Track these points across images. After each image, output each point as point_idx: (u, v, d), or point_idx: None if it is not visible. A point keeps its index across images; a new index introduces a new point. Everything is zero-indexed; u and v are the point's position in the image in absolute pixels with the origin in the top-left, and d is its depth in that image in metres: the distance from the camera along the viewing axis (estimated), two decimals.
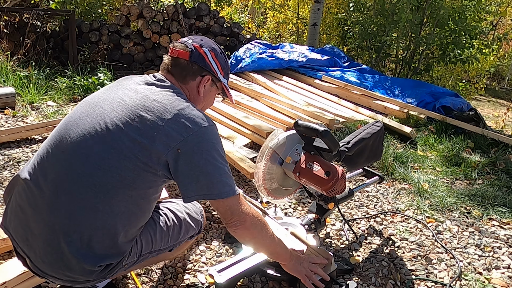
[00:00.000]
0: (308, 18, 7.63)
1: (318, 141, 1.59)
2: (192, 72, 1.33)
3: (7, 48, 4.80)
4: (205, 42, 1.36)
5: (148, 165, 1.16)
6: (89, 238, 1.15)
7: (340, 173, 1.51)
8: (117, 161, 1.14)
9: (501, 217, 2.33)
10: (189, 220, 1.50)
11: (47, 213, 1.16)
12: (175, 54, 1.32)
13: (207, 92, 1.39)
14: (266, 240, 1.36)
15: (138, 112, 1.18)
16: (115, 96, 1.25)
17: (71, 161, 1.17)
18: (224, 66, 1.41)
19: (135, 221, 1.24)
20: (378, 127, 1.94)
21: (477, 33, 6.04)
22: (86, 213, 1.14)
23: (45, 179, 1.18)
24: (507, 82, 14.90)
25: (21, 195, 1.22)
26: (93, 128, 1.18)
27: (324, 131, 1.50)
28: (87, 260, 1.15)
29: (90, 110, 1.24)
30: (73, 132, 1.20)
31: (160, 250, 1.41)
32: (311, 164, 1.54)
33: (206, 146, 1.19)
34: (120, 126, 1.16)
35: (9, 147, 2.89)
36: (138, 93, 1.23)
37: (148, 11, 5.83)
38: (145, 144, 1.14)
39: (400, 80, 4.99)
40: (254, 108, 3.84)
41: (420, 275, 1.79)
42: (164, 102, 1.20)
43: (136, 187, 1.17)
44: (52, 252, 1.15)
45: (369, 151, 1.92)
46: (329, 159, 1.64)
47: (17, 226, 1.23)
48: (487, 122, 5.10)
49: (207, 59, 1.34)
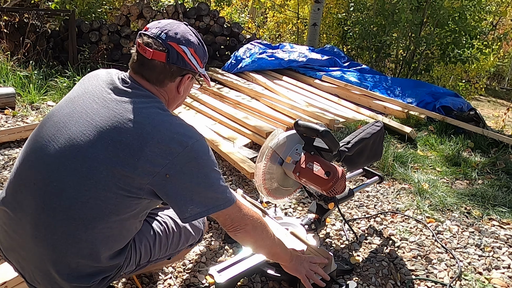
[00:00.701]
0: (308, 18, 7.63)
1: (318, 141, 1.59)
2: (171, 74, 1.17)
3: (7, 48, 4.79)
4: (181, 35, 1.16)
5: (130, 191, 1.07)
6: (76, 264, 1.11)
7: (340, 173, 1.51)
8: (95, 192, 1.05)
9: (501, 217, 2.33)
10: (190, 229, 1.47)
11: (32, 244, 1.11)
12: (148, 55, 1.12)
13: (186, 88, 1.26)
14: (266, 242, 1.34)
15: (113, 137, 1.05)
16: (82, 112, 1.11)
17: (45, 195, 1.08)
18: (203, 57, 1.25)
19: (122, 240, 1.19)
20: (378, 127, 1.94)
21: (477, 33, 6.04)
22: (70, 245, 1.09)
23: (22, 211, 1.11)
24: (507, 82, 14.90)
25: (4, 220, 1.17)
26: (63, 157, 1.07)
27: (324, 131, 1.50)
28: (80, 281, 1.13)
29: (57, 133, 1.10)
30: (42, 161, 1.10)
31: (158, 259, 1.39)
32: (311, 164, 1.54)
33: (195, 165, 1.09)
34: (95, 154, 1.05)
35: (9, 147, 2.89)
36: (109, 109, 1.09)
37: (148, 11, 5.83)
38: (126, 172, 1.04)
39: (400, 80, 4.99)
40: (254, 108, 3.84)
41: (420, 275, 1.79)
42: (141, 122, 1.06)
43: (119, 213, 1.11)
44: (45, 277, 1.13)
45: (369, 151, 1.92)
46: (329, 159, 1.64)
47: (7, 249, 1.20)
48: (487, 122, 5.10)
49: (186, 58, 1.17)
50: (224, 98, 4.21)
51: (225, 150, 2.82)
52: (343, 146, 1.77)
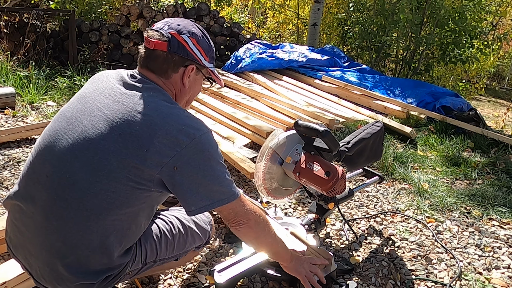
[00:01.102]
0: (308, 18, 7.63)
1: (318, 141, 1.60)
2: (174, 64, 1.20)
3: (7, 48, 4.79)
4: (183, 26, 1.21)
5: (140, 183, 1.10)
6: (86, 259, 1.13)
7: (340, 173, 1.51)
8: (106, 184, 1.08)
9: (501, 217, 2.33)
10: (196, 229, 1.47)
11: (42, 237, 1.13)
12: (151, 45, 1.17)
13: (192, 83, 1.27)
14: (268, 239, 1.34)
15: (123, 129, 1.08)
16: (93, 107, 1.15)
17: (57, 187, 1.10)
18: (208, 50, 1.27)
19: (132, 235, 1.21)
20: (378, 127, 1.94)
21: (477, 33, 6.04)
22: (81, 236, 1.10)
23: (34, 204, 1.13)
24: (507, 82, 14.90)
25: (16, 216, 1.19)
26: (75, 149, 1.10)
27: (324, 131, 1.50)
28: (87, 277, 1.14)
29: (70, 127, 1.14)
30: (55, 154, 1.13)
31: (165, 259, 1.39)
32: (311, 164, 1.54)
33: (202, 157, 1.12)
34: (106, 146, 1.08)
35: (9, 147, 2.89)
36: (119, 103, 1.13)
37: (148, 11, 5.83)
38: (135, 164, 1.07)
39: (400, 80, 4.99)
40: (254, 108, 3.84)
41: (420, 275, 1.79)
42: (150, 114, 1.09)
43: (130, 205, 1.13)
44: (52, 272, 1.14)
45: (369, 151, 1.92)
46: (329, 159, 1.64)
47: (16, 245, 1.22)
48: (487, 122, 5.10)
49: (188, 47, 1.20)
50: (224, 98, 4.21)
51: (225, 150, 2.82)
52: (343, 146, 1.78)
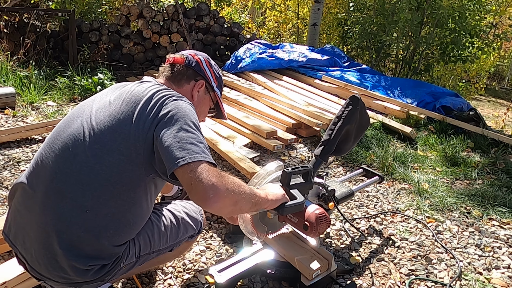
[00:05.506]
0: (308, 18, 7.63)
1: (294, 179, 1.47)
2: (187, 76, 1.42)
3: (7, 48, 4.79)
4: (201, 53, 1.50)
5: (130, 157, 1.16)
6: (78, 239, 1.15)
7: (315, 219, 1.37)
8: (100, 157, 1.16)
9: (501, 217, 2.33)
10: (188, 219, 1.50)
11: (39, 214, 1.17)
12: (171, 60, 1.44)
13: (200, 98, 1.46)
14: (246, 196, 1.19)
15: (119, 104, 1.22)
16: (106, 98, 1.30)
17: (60, 161, 1.19)
18: (218, 77, 1.51)
19: (126, 225, 1.22)
20: (351, 106, 1.78)
21: (477, 32, 6.03)
22: (75, 213, 1.14)
23: (38, 180, 1.21)
24: (507, 82, 14.90)
25: (19, 199, 1.24)
26: (80, 128, 1.22)
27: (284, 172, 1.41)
28: (77, 260, 1.15)
29: (81, 111, 1.28)
30: (64, 134, 1.24)
31: (159, 251, 1.40)
32: (289, 218, 1.43)
33: (181, 114, 1.19)
34: (103, 121, 1.20)
35: (9, 147, 2.89)
36: (130, 92, 1.28)
37: (148, 11, 5.83)
38: (123, 131, 1.17)
39: (400, 80, 4.99)
40: (254, 108, 3.84)
41: (420, 275, 1.79)
42: (144, 86, 1.27)
43: (123, 184, 1.17)
44: (46, 253, 1.16)
45: (355, 131, 1.85)
46: (309, 187, 1.54)
47: (16, 231, 1.24)
48: (487, 122, 5.10)
49: (201, 65, 1.46)
50: (224, 98, 4.21)
51: (224, 150, 2.82)
52: (323, 148, 1.74)
